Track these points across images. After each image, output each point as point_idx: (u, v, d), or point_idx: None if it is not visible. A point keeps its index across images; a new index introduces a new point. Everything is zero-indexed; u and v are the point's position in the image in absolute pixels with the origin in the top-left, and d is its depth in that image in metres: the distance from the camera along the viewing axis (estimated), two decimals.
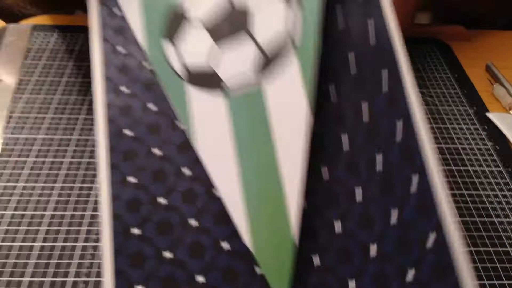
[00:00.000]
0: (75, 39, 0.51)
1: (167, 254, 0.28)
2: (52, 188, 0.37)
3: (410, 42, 0.54)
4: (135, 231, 0.29)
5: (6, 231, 0.35)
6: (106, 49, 0.34)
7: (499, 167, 0.42)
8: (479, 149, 0.44)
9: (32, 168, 0.39)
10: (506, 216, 0.38)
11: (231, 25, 0.33)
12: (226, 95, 0.32)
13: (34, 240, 0.34)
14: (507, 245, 0.36)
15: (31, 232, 0.35)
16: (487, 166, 0.42)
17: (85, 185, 0.38)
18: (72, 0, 0.53)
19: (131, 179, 0.30)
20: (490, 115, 0.47)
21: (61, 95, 0.45)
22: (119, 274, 0.27)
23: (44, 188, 0.37)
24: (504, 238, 0.37)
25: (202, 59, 0.33)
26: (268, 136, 0.31)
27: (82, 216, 0.36)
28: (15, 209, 0.36)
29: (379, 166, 0.29)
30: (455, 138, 0.45)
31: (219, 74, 0.32)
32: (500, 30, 0.59)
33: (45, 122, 0.43)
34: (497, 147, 0.44)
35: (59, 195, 0.37)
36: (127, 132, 0.31)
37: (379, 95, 0.30)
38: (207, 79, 0.32)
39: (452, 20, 0.63)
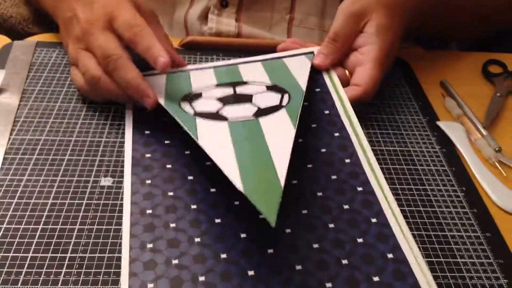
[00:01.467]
0: None
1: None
2: (54, 181, 0.43)
3: None
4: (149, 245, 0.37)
5: (14, 216, 0.40)
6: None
7: (444, 166, 0.49)
8: (428, 152, 0.50)
9: (36, 164, 0.44)
10: (447, 206, 0.45)
11: (237, 99, 0.47)
12: (228, 122, 0.43)
13: (37, 224, 0.40)
14: (446, 230, 0.42)
15: (35, 216, 0.40)
16: (434, 165, 0.49)
17: (81, 178, 0.44)
18: None
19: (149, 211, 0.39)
20: (439, 123, 0.54)
21: (61, 103, 0.51)
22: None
23: (46, 180, 0.43)
24: (443, 224, 0.43)
25: (213, 109, 0.45)
26: (262, 136, 0.41)
27: (80, 204, 0.41)
28: (22, 198, 0.41)
29: (345, 208, 0.40)
30: (408, 142, 0.51)
31: (225, 115, 0.44)
32: (454, 51, 0.67)
33: (47, 126, 0.48)
34: (444, 150, 0.50)
35: (59, 186, 0.43)
36: (148, 181, 0.42)
37: (343, 166, 0.43)
38: (215, 117, 0.44)
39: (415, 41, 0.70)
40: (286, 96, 0.46)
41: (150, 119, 0.48)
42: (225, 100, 0.47)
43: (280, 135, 0.41)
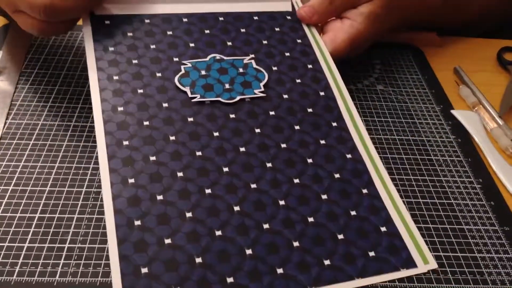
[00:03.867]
0: (74, 36, 0.55)
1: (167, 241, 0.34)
2: (52, 168, 0.41)
3: (386, 46, 0.59)
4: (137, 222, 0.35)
5: (10, 203, 0.38)
6: (101, 76, 0.42)
7: (460, 157, 0.46)
8: (443, 141, 0.48)
9: (33, 150, 0.42)
10: (464, 199, 0.43)
11: None
12: None
13: (34, 212, 0.38)
14: (463, 223, 0.41)
15: (32, 204, 0.38)
16: (449, 156, 0.47)
17: (80, 165, 0.42)
18: None
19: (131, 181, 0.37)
20: (454, 112, 0.52)
21: (59, 86, 0.49)
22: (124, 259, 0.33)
23: (43, 167, 0.41)
24: (460, 217, 0.41)
25: None
26: None
27: (79, 192, 0.39)
28: (18, 185, 0.39)
29: (336, 177, 0.40)
30: (421, 132, 0.49)
31: None
32: (468, 37, 0.64)
33: (45, 110, 0.46)
34: (459, 140, 0.48)
35: (57, 173, 0.41)
36: (125, 142, 0.39)
37: (331, 130, 0.43)
38: None
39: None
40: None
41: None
42: None
43: None
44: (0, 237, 0.36)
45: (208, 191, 0.37)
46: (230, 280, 0.33)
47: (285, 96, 0.44)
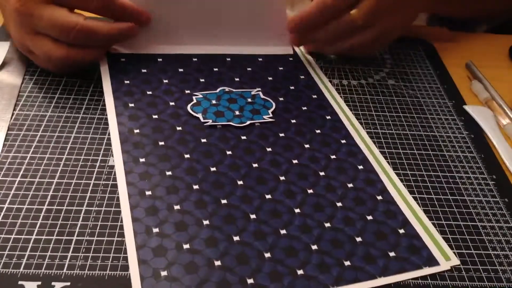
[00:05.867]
0: None
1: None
2: (59, 159, 0.41)
3: (398, 41, 0.58)
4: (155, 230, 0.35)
5: (17, 195, 0.37)
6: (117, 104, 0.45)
7: (473, 153, 0.46)
8: (455, 137, 0.47)
9: (40, 141, 0.42)
10: (477, 195, 0.42)
11: None
12: None
13: (42, 204, 0.37)
14: (476, 220, 0.40)
15: (39, 196, 0.38)
16: (462, 151, 0.46)
17: (89, 157, 0.41)
18: None
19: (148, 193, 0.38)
20: (467, 107, 0.51)
21: (67, 78, 0.48)
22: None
23: (51, 159, 0.41)
24: (473, 214, 0.40)
25: None
26: None
27: (87, 184, 0.39)
28: (25, 176, 0.39)
29: (350, 186, 0.41)
30: (433, 127, 0.48)
31: None
32: (479, 33, 0.63)
33: (53, 101, 0.46)
34: (472, 136, 0.48)
35: (65, 165, 0.40)
36: (142, 159, 0.40)
37: (340, 147, 0.44)
38: None
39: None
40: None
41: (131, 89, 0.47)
42: None
43: None
44: (7, 229, 0.35)
45: (224, 201, 0.38)
46: (250, 281, 0.33)
47: (293, 121, 0.46)
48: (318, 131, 0.45)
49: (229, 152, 0.42)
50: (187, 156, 0.41)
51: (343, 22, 0.49)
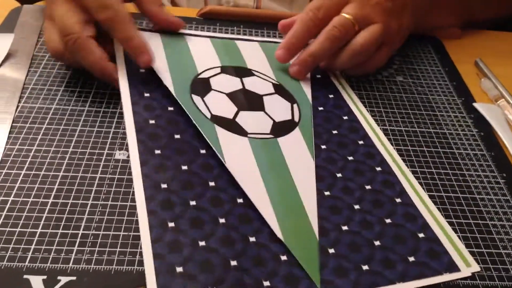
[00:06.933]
0: None
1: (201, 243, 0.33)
2: (65, 153, 0.40)
3: (406, 38, 0.57)
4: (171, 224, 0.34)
5: (22, 188, 0.37)
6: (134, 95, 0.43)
7: (483, 151, 0.45)
8: (465, 135, 0.47)
9: (45, 134, 0.41)
10: (488, 194, 0.41)
11: (250, 103, 0.44)
12: (249, 140, 0.41)
13: (47, 197, 0.37)
14: (487, 219, 0.39)
15: (45, 190, 0.37)
16: (472, 149, 0.45)
17: (94, 150, 0.40)
18: None
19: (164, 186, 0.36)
20: (476, 105, 0.50)
21: (73, 70, 0.48)
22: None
23: (57, 152, 0.40)
24: (484, 212, 0.40)
25: (230, 116, 0.42)
26: (287, 170, 0.39)
27: (93, 178, 0.38)
28: (30, 169, 0.38)
29: (367, 188, 0.40)
30: (442, 124, 0.48)
31: (245, 128, 0.41)
32: (488, 30, 0.63)
33: (58, 94, 0.45)
34: (482, 134, 0.47)
35: (70, 158, 0.40)
36: (157, 151, 0.39)
37: (357, 147, 0.43)
38: (235, 127, 0.41)
39: None
40: (296, 108, 0.45)
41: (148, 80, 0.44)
42: (236, 100, 0.44)
43: (301, 165, 0.40)
44: (13, 222, 0.35)
45: (239, 200, 0.37)
46: (266, 283, 0.32)
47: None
48: (335, 132, 0.44)
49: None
50: (202, 151, 0.39)
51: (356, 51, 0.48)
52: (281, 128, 0.43)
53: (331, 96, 0.48)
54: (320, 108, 0.46)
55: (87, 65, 0.42)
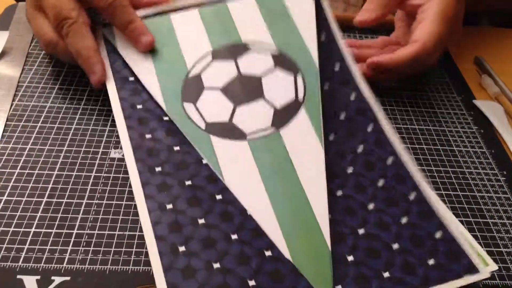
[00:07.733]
0: None
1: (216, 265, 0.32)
2: (60, 151, 0.40)
3: None
4: (181, 248, 0.32)
5: (16, 187, 0.36)
6: (124, 105, 0.40)
7: (483, 148, 0.45)
8: (465, 132, 0.46)
9: (40, 133, 0.41)
10: (488, 191, 0.41)
11: (247, 93, 0.40)
12: (249, 143, 0.38)
13: (41, 196, 0.36)
14: (487, 217, 0.39)
15: (39, 189, 0.37)
16: (472, 147, 0.45)
17: (89, 149, 0.40)
18: None
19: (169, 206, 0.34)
20: (477, 102, 0.50)
21: (68, 68, 0.47)
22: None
23: (51, 150, 0.39)
24: (484, 210, 0.39)
25: (226, 118, 0.39)
26: (293, 171, 0.36)
27: (87, 177, 0.38)
28: (24, 168, 0.38)
29: (380, 185, 0.36)
30: (442, 121, 0.47)
31: (243, 130, 0.38)
32: (487, 26, 0.62)
33: (53, 92, 0.45)
34: (482, 131, 0.46)
35: (65, 157, 0.39)
36: (158, 169, 0.36)
37: (367, 137, 0.38)
38: (232, 132, 0.38)
39: None
40: (300, 81, 0.41)
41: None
42: (232, 94, 0.40)
43: (310, 162, 0.37)
44: (6, 222, 0.34)
45: (249, 212, 0.35)
46: None
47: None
48: (342, 117, 0.40)
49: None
50: (204, 161, 0.37)
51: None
52: (284, 116, 0.39)
53: (336, 69, 0.42)
54: (325, 88, 0.41)
55: (76, 50, 0.41)
